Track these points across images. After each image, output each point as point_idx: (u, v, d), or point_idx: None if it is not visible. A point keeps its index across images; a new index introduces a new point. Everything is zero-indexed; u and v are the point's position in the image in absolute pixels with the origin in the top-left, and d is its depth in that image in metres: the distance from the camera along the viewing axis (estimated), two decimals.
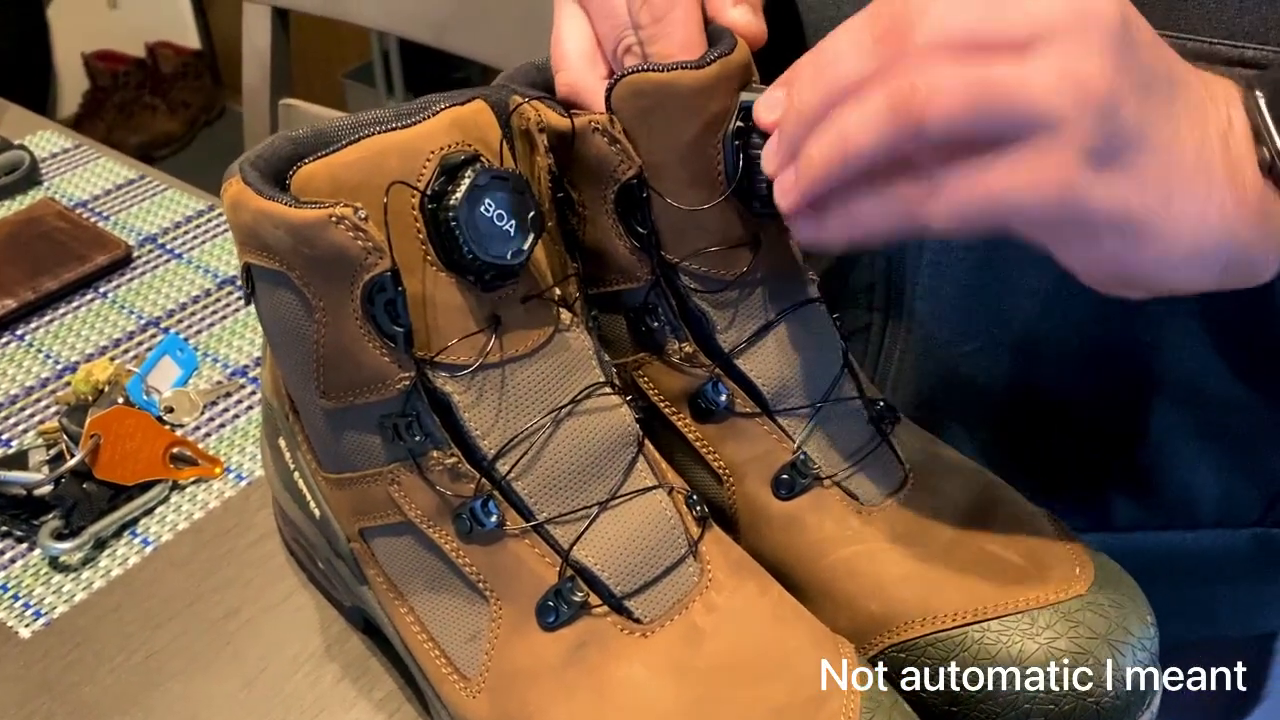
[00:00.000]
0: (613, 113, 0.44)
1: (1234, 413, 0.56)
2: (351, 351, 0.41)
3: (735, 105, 0.44)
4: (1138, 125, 0.35)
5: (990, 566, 0.45)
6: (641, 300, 0.47)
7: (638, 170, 0.45)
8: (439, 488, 0.42)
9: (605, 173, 0.45)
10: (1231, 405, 0.55)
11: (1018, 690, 0.42)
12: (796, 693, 0.39)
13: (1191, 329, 0.54)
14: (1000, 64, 0.35)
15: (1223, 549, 0.59)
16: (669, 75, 0.43)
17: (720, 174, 0.45)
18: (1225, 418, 0.56)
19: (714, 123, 0.44)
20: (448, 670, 0.43)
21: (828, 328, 0.50)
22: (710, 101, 0.44)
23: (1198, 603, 0.60)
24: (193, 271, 0.76)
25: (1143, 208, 0.36)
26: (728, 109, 0.44)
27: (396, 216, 0.39)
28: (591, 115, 0.44)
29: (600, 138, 0.44)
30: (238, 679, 0.51)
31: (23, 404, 0.65)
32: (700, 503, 0.45)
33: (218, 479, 0.61)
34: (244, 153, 0.43)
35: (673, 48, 0.44)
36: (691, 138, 0.44)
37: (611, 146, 0.44)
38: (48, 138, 0.90)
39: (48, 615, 0.54)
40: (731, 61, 0.44)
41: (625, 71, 0.44)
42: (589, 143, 0.45)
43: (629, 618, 0.42)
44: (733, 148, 0.44)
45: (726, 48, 0.44)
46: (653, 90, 0.43)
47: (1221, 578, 0.61)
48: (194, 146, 2.67)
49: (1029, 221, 0.37)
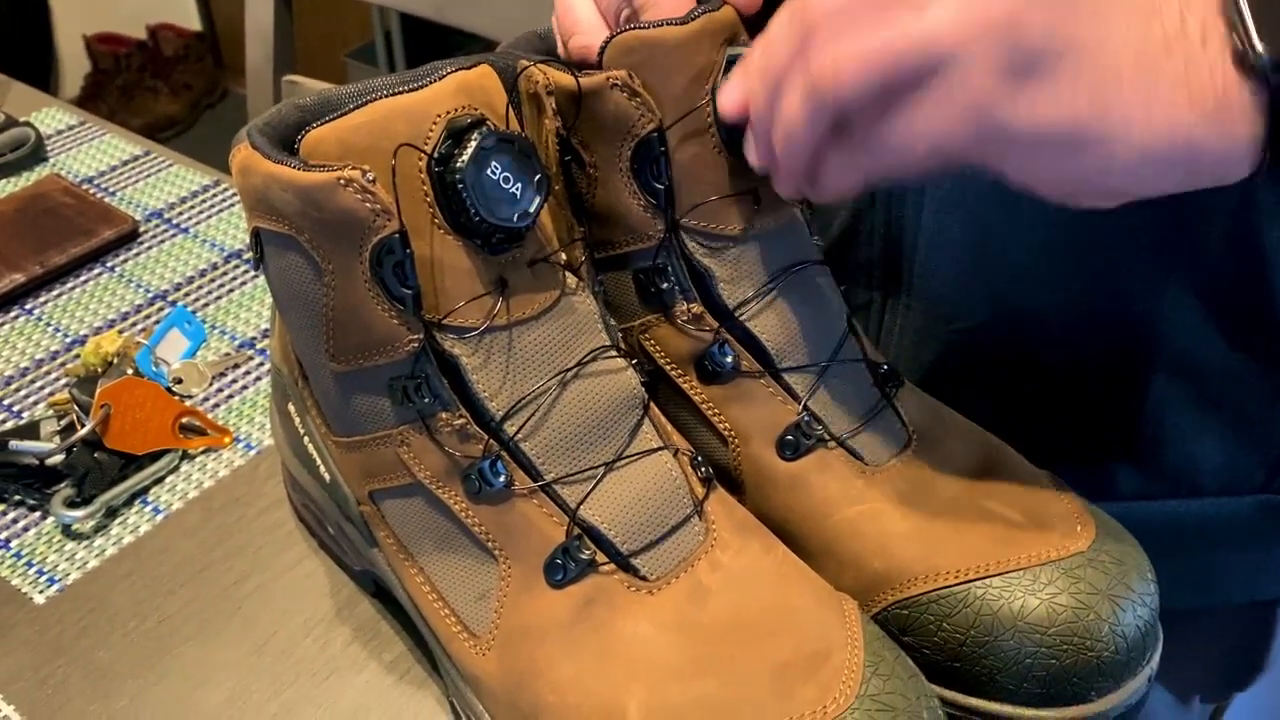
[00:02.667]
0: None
1: (1232, 382, 0.56)
2: (360, 314, 0.41)
3: (722, 58, 0.46)
4: (1050, 37, 0.36)
5: (992, 524, 0.46)
6: (651, 260, 0.48)
7: (658, 123, 0.45)
8: (448, 449, 0.42)
9: (623, 129, 0.46)
10: (1229, 375, 0.56)
11: (1019, 645, 0.43)
12: (800, 648, 0.40)
13: (1184, 301, 0.54)
14: (898, 18, 0.37)
15: (1226, 516, 0.60)
16: (655, 32, 0.45)
17: (711, 127, 0.46)
18: (1224, 388, 0.56)
19: (700, 76, 0.46)
20: (457, 629, 0.44)
21: (832, 290, 0.50)
22: (696, 55, 0.45)
23: (1202, 569, 0.60)
24: (199, 246, 0.76)
25: (1072, 116, 0.36)
26: (713, 62, 0.46)
27: (404, 180, 0.40)
28: (609, 72, 0.45)
29: (620, 93, 0.45)
30: (248, 643, 0.52)
31: (33, 376, 0.66)
32: (705, 464, 0.46)
33: (227, 448, 0.62)
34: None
35: (663, 14, 0.46)
36: (680, 91, 0.46)
37: (632, 100, 0.45)
38: (53, 114, 0.90)
39: (61, 581, 0.55)
40: (716, 18, 0.46)
41: (614, 33, 0.45)
42: (606, 99, 0.45)
43: (635, 575, 0.42)
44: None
45: (712, 6, 0.46)
46: (639, 46, 0.45)
47: (1226, 545, 0.61)
48: (196, 129, 2.67)
49: (960, 152, 0.38)
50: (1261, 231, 0.51)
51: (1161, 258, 0.53)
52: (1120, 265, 0.54)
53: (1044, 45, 0.36)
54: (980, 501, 0.47)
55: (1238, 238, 0.52)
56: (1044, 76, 0.36)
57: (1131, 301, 0.55)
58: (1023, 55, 0.36)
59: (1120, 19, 0.36)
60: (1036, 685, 0.43)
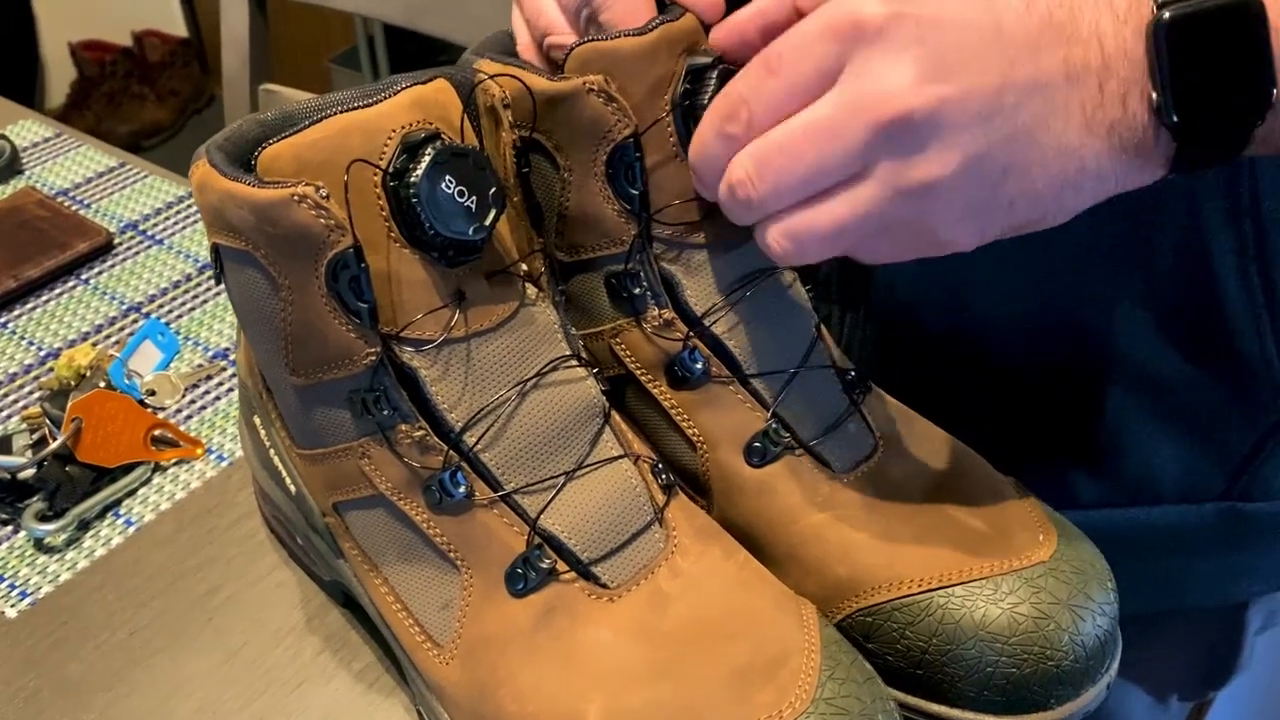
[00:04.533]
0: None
1: (1189, 392, 0.56)
2: (318, 328, 0.41)
3: (681, 68, 0.46)
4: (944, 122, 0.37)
5: (956, 533, 0.46)
6: (624, 265, 0.48)
7: (634, 129, 0.46)
8: (408, 460, 0.43)
9: (599, 134, 0.46)
10: (1185, 386, 0.56)
11: (981, 654, 0.43)
12: (759, 653, 0.40)
13: (1137, 315, 0.55)
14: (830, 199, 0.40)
15: (1188, 524, 0.60)
16: (613, 43, 0.45)
17: (673, 137, 0.46)
18: (1181, 397, 0.57)
19: (659, 86, 0.46)
20: (421, 638, 0.44)
21: (800, 297, 0.50)
22: (654, 65, 0.45)
23: (1166, 575, 0.61)
24: (173, 257, 0.77)
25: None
26: (672, 73, 0.46)
27: (360, 195, 0.40)
28: (585, 77, 0.45)
29: (595, 98, 0.45)
30: (220, 653, 0.52)
31: (6, 390, 0.66)
32: (666, 471, 0.46)
33: (199, 460, 0.62)
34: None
35: (618, 15, 0.46)
36: (639, 101, 0.46)
37: (608, 106, 0.45)
38: (28, 127, 0.91)
39: (33, 595, 0.55)
40: (674, 28, 0.46)
41: (571, 46, 0.45)
42: (582, 104, 0.45)
43: (596, 583, 0.43)
44: (681, 109, 0.46)
45: (672, 16, 0.46)
46: (597, 58, 0.45)
47: (1188, 551, 0.61)
48: (183, 135, 2.67)
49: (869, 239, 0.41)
50: (1209, 243, 0.52)
51: (1115, 269, 0.54)
52: (1076, 277, 0.55)
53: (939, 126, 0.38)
54: (944, 509, 0.47)
55: (1187, 250, 0.52)
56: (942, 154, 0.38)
57: (1087, 312, 0.55)
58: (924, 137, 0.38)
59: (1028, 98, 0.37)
60: (997, 693, 0.43)
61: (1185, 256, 0.53)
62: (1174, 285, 0.53)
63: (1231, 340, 0.54)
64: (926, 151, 0.37)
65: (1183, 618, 0.65)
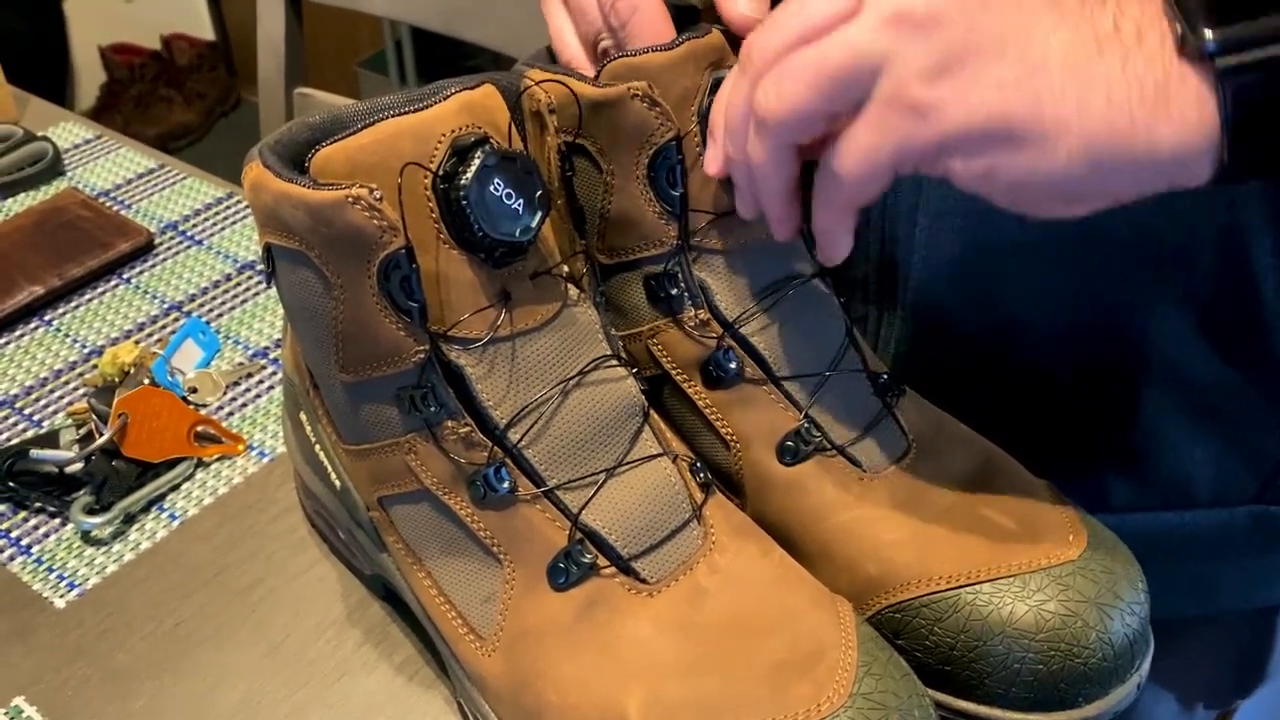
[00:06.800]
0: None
1: (1223, 396, 0.56)
2: (369, 326, 0.43)
3: (707, 81, 0.47)
4: (972, 31, 0.37)
5: (985, 531, 0.47)
6: (663, 266, 0.49)
7: (676, 132, 0.47)
8: (453, 456, 0.44)
9: (642, 137, 0.47)
10: (1220, 388, 0.56)
11: (1008, 650, 0.44)
12: (796, 648, 0.41)
13: (1174, 317, 0.55)
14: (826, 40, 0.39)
15: (1220, 527, 0.60)
16: (642, 58, 0.47)
17: (700, 148, 0.47)
18: (1215, 401, 0.57)
19: (686, 97, 0.47)
20: (464, 631, 0.45)
21: (830, 302, 0.51)
22: (681, 78, 0.47)
23: (1197, 578, 0.61)
24: (213, 257, 0.78)
25: (1002, 109, 0.37)
26: (699, 85, 0.47)
27: (410, 197, 0.41)
28: (630, 83, 0.46)
29: (640, 103, 0.46)
30: (262, 645, 0.53)
31: (51, 386, 0.68)
32: (704, 470, 0.47)
33: (241, 456, 0.63)
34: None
35: (644, 43, 0.48)
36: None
37: (652, 110, 0.47)
38: (69, 129, 0.92)
39: (81, 586, 0.56)
40: (701, 43, 0.47)
41: (604, 62, 0.47)
42: (626, 109, 0.47)
43: (636, 578, 0.44)
44: (707, 121, 0.47)
45: (698, 33, 0.47)
46: (627, 72, 0.46)
47: (1220, 555, 0.61)
48: (210, 137, 2.70)
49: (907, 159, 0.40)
50: (1249, 249, 0.52)
51: (1151, 272, 0.54)
52: (1113, 277, 0.55)
53: (967, 39, 0.37)
54: (975, 509, 0.48)
55: (1227, 254, 0.53)
56: (970, 69, 0.37)
57: (1122, 314, 0.56)
58: (947, 50, 0.37)
59: (1046, 19, 0.37)
60: (1025, 690, 0.44)
61: (1224, 259, 0.53)
62: (1212, 287, 0.54)
63: (1269, 344, 0.54)
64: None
65: (1211, 624, 0.65)
